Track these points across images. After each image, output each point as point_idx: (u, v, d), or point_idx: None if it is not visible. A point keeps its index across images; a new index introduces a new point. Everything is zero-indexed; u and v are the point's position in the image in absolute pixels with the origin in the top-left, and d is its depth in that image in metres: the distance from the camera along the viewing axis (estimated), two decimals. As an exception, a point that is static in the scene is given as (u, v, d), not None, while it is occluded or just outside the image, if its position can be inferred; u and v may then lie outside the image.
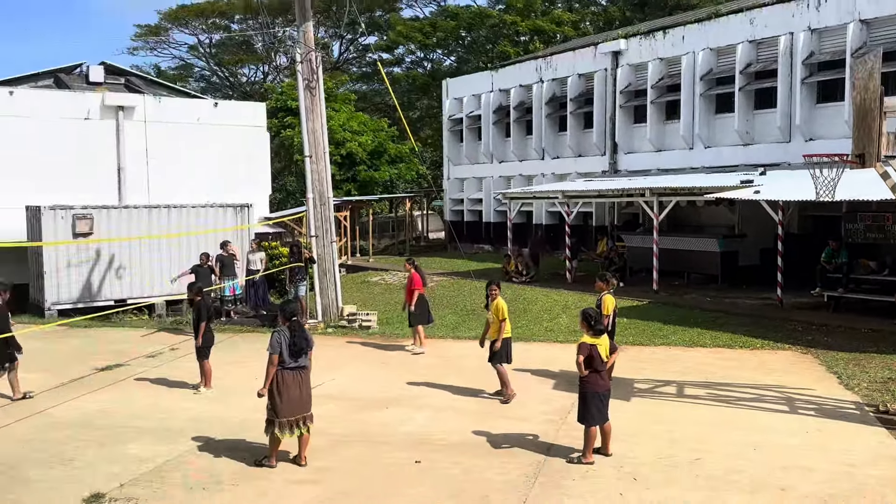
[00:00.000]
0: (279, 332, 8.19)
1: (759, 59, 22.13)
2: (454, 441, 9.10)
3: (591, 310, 8.74)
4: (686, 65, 23.70)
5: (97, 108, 25.24)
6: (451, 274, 24.17)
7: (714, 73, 23.28)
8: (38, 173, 23.55)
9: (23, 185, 22.93)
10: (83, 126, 24.95)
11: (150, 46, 52.63)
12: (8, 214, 21.71)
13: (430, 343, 14.84)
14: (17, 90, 24.81)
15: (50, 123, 24.33)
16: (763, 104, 22.20)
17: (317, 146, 17.48)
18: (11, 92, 24.37)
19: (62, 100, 25.25)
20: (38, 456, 8.77)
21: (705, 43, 23.34)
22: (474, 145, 33.19)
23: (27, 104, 24.26)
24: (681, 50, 24.01)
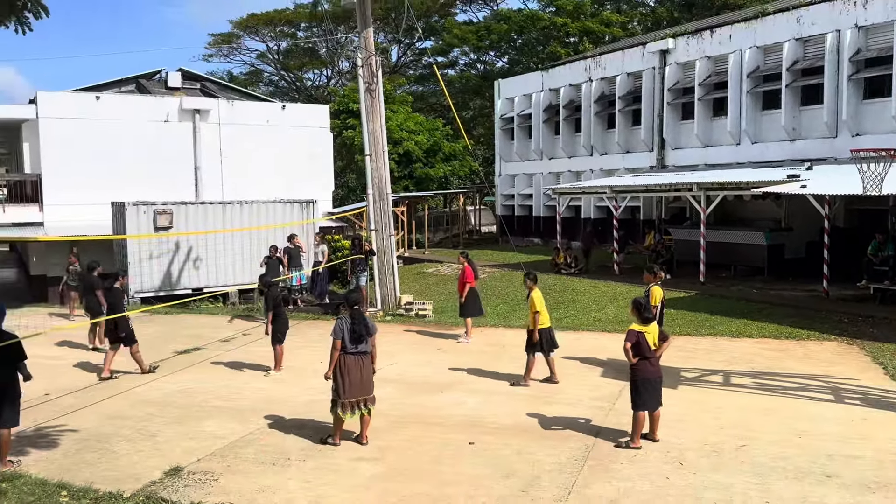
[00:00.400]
0: (342, 319, 8.34)
1: (806, 56, 21.40)
2: (506, 424, 9.11)
3: (641, 298, 8.66)
4: (733, 63, 23.10)
5: (175, 112, 25.90)
6: (502, 266, 24.12)
7: (761, 71, 22.62)
8: (123, 172, 24.31)
9: (109, 182, 23.71)
10: (163, 128, 25.64)
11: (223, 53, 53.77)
12: (96, 210, 22.49)
13: (482, 331, 14.86)
14: (103, 95, 25.62)
15: (133, 126, 25.06)
16: (809, 100, 21.48)
17: (376, 145, 17.63)
18: (98, 97, 25.18)
19: (144, 104, 25.97)
20: (124, 431, 9.10)
21: (752, 41, 22.69)
22: (525, 143, 32.98)
23: (112, 108, 25.02)
24: (728, 48, 23.40)
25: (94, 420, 9.56)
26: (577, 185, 25.66)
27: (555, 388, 10.72)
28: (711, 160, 24.18)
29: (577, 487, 7.09)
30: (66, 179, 23.71)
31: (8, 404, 7.76)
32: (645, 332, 8.21)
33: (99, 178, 23.86)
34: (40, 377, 11.06)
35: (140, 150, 24.97)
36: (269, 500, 6.86)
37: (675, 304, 16.29)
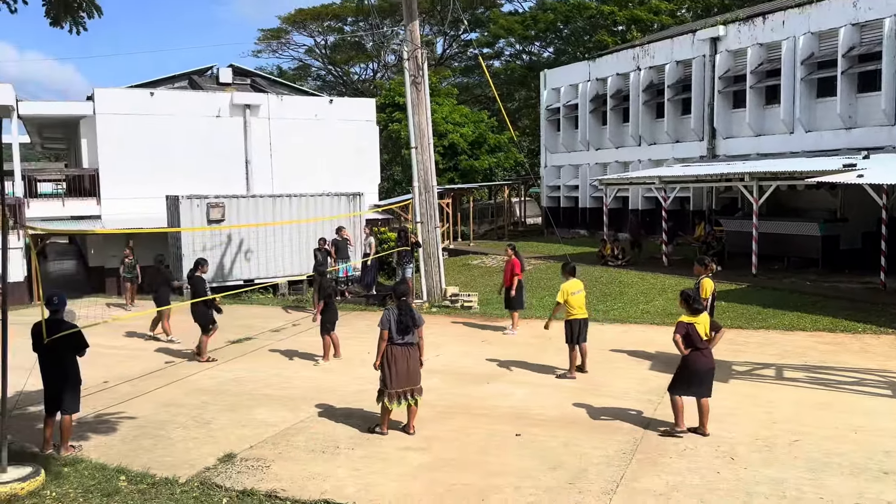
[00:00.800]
0: (389, 310, 8.40)
1: (863, 41, 20.64)
2: (552, 416, 9.07)
3: (690, 290, 8.54)
4: (786, 49, 22.43)
5: (227, 107, 26.38)
6: (547, 258, 23.98)
7: (815, 58, 21.92)
8: (176, 166, 24.89)
9: (163, 176, 24.32)
10: (215, 123, 26.15)
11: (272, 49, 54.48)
12: (150, 203, 23.11)
13: (527, 323, 14.81)
14: (157, 91, 26.23)
15: (186, 121, 25.63)
16: (866, 87, 20.73)
17: (422, 138, 17.67)
18: (152, 93, 25.78)
19: (196, 99, 26.50)
20: (180, 419, 9.35)
21: (806, 27, 22.00)
22: (571, 134, 32.65)
23: (166, 104, 25.61)
24: (781, 35, 22.73)
25: (151, 407, 9.85)
26: (624, 175, 25.31)
27: (602, 380, 10.63)
28: (764, 149, 23.57)
29: (626, 481, 7.02)
30: (121, 174, 24.40)
31: (70, 391, 8.04)
32: (695, 323, 8.11)
33: (153, 173, 24.48)
34: (99, 365, 11.46)
35: (193, 144, 25.51)
36: (319, 488, 6.97)
37: (726, 296, 15.97)
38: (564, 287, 10.90)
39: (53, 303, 8.16)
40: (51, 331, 7.92)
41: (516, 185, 38.03)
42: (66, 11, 6.37)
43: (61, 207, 24.50)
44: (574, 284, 11.01)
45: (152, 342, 14.38)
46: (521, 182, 38.14)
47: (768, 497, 6.60)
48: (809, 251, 19.49)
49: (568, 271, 11.14)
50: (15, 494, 6.70)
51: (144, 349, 13.75)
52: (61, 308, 8.23)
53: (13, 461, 7.27)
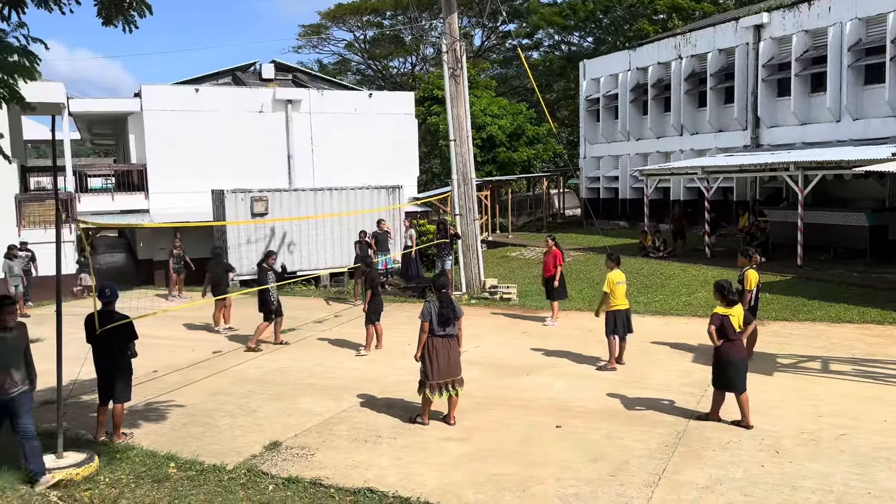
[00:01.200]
0: (430, 302, 8.43)
1: (915, 25, 19.97)
2: (593, 408, 9.02)
3: (724, 281, 8.47)
4: (833, 36, 21.80)
5: (269, 102, 26.72)
6: (586, 249, 23.78)
7: (863, 44, 21.26)
8: (221, 160, 25.32)
9: (208, 170, 24.76)
10: (258, 118, 26.52)
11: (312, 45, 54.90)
12: (196, 197, 23.54)
13: (567, 315, 14.73)
14: (202, 88, 26.69)
15: (230, 116, 26.04)
16: (919, 73, 20.06)
17: (460, 130, 17.65)
18: (197, 90, 26.25)
19: (239, 95, 26.90)
20: (227, 407, 9.54)
21: (853, 13, 21.33)
22: (611, 124, 32.27)
23: (210, 100, 26.05)
24: (827, 21, 22.09)
25: (199, 396, 10.07)
26: (666, 165, 24.94)
27: (643, 372, 10.52)
28: (809, 138, 22.98)
29: (668, 473, 6.95)
30: (168, 169, 24.92)
31: (122, 381, 8.25)
32: (729, 315, 8.10)
33: (199, 167, 24.93)
34: (148, 356, 11.75)
35: (237, 139, 25.91)
36: (362, 476, 7.06)
37: (770, 287, 15.64)
38: (609, 277, 10.84)
39: (106, 294, 8.36)
40: (103, 322, 8.13)
41: (555, 176, 37.75)
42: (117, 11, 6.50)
43: (111, 202, 25.13)
44: (618, 275, 10.93)
45: (199, 332, 14.68)
46: (559, 173, 37.85)
47: (814, 491, 6.47)
48: (857, 241, 18.97)
49: (613, 261, 11.08)
50: (71, 479, 6.92)
51: (192, 339, 14.05)
52: (113, 300, 8.44)
53: (69, 447, 7.51)
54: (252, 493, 6.73)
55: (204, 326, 15.18)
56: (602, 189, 33.03)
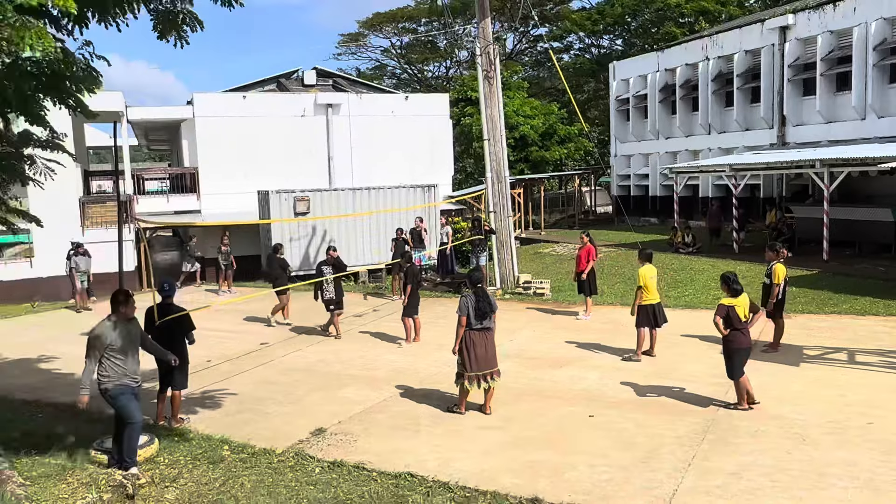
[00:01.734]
0: (466, 296, 8.46)
1: (944, 22, 19.36)
2: (625, 398, 9.01)
3: (729, 273, 8.59)
4: (858, 36, 21.24)
5: (311, 107, 27.00)
6: (617, 246, 23.60)
7: (888, 43, 20.67)
8: (266, 162, 25.67)
9: (254, 172, 25.14)
10: (300, 122, 26.83)
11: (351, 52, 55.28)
12: (243, 198, 23.93)
13: (598, 309, 14.66)
14: (249, 94, 27.11)
15: (274, 121, 26.37)
16: (946, 70, 19.45)
17: (494, 130, 17.66)
18: (245, 96, 26.67)
19: (284, 101, 27.23)
20: (275, 395, 9.75)
21: (878, 13, 20.76)
22: (640, 123, 31.92)
23: (257, 106, 26.42)
24: (852, 21, 21.54)
25: (249, 385, 10.30)
26: (695, 164, 24.60)
27: (673, 365, 10.45)
28: (834, 136, 22.46)
29: (697, 460, 6.93)
30: (218, 171, 25.36)
31: (179, 370, 8.48)
32: (735, 306, 8.22)
33: (246, 169, 25.33)
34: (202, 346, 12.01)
35: (280, 142, 26.24)
36: (402, 461, 7.16)
37: (797, 282, 15.37)
38: (642, 272, 10.80)
39: (164, 289, 8.62)
40: (162, 314, 8.38)
41: (586, 174, 37.47)
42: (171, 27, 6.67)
43: (166, 203, 25.68)
44: (650, 270, 10.90)
45: (248, 324, 14.95)
46: (591, 171, 37.55)
47: (840, 478, 6.39)
48: (882, 237, 18.51)
49: (644, 257, 11.05)
50: (134, 460, 7.15)
51: (241, 331, 14.33)
52: (172, 294, 8.68)
53: (132, 431, 7.75)
54: (300, 475, 6.89)
55: (250, 319, 15.47)
56: (633, 186, 32.71)
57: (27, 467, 6.73)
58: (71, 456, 7.13)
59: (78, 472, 6.67)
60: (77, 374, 11.15)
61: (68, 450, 7.26)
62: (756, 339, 11.53)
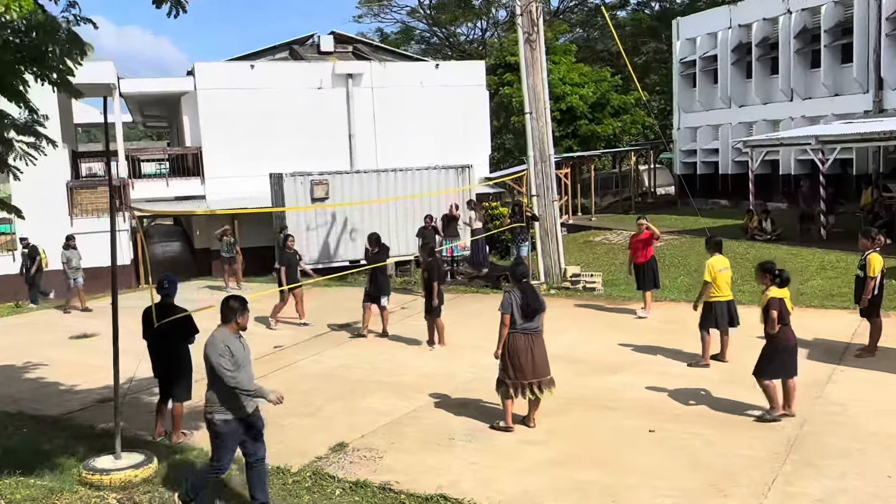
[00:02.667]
0: (510, 292, 8.34)
1: None
2: (689, 410, 8.87)
3: (769, 262, 8.59)
4: (974, -22, 20.56)
5: (329, 77, 27.10)
6: (682, 232, 23.25)
7: None
8: (278, 141, 25.86)
9: (264, 152, 25.36)
10: (316, 95, 26.94)
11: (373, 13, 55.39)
12: (253, 181, 24.13)
13: (659, 306, 14.47)
14: (258, 63, 27.32)
15: (287, 94, 26.51)
16: None
17: (537, 102, 17.50)
18: (252, 66, 26.87)
19: (297, 71, 27.40)
20: (290, 405, 9.74)
21: None
22: (709, 90, 31.41)
23: (266, 76, 26.60)
24: (967, -39, 20.85)
25: (260, 394, 10.36)
26: (773, 135, 24.13)
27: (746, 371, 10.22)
28: (944, 100, 21.82)
29: (778, 485, 6.78)
30: (224, 152, 25.63)
31: (181, 379, 8.55)
32: (784, 298, 8.29)
33: (255, 149, 25.54)
34: (208, 350, 12.18)
35: (295, 118, 26.41)
36: (434, 481, 7.14)
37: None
38: (710, 264, 10.59)
39: (164, 287, 8.64)
40: (162, 316, 8.40)
41: (644, 150, 37.03)
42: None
43: (165, 188, 26.07)
44: (720, 261, 10.67)
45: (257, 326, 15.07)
46: (650, 147, 37.09)
47: (953, 508, 6.19)
48: None
49: (712, 246, 10.85)
50: (129, 481, 7.25)
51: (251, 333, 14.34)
52: (172, 292, 8.72)
53: (126, 448, 7.86)
54: (318, 498, 6.92)
55: (262, 320, 15.60)
56: (699, 164, 32.25)
57: (10, 489, 6.86)
58: (60, 476, 7.25)
59: (67, 495, 6.78)
60: (66, 384, 11.44)
61: (57, 469, 7.39)
62: (849, 341, 11.28)
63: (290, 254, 15.15)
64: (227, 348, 6.40)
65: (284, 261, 15.20)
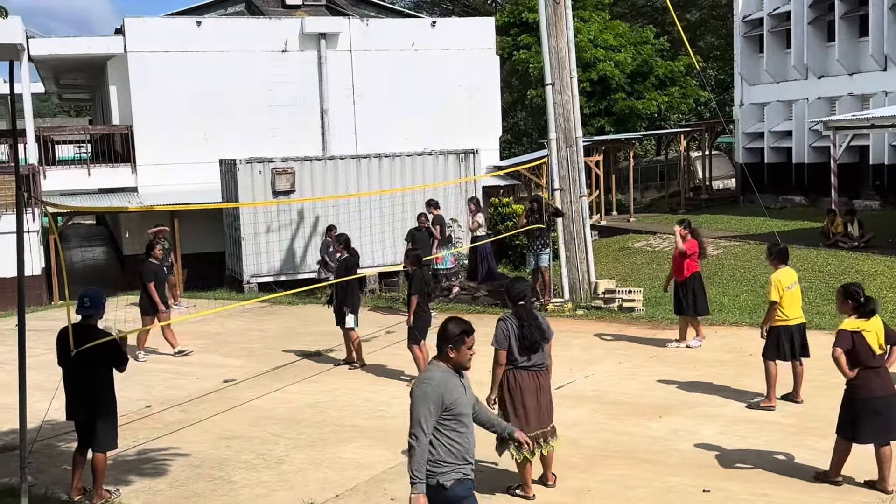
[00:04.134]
0: (505, 319, 8.21)
1: None
2: (755, 464, 8.89)
3: (854, 284, 8.28)
4: None
5: (295, 38, 27.14)
6: (744, 237, 23.31)
7: None
8: (232, 119, 25.93)
9: (215, 133, 25.40)
10: (280, 60, 26.98)
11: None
12: (200, 170, 24.17)
13: (716, 331, 14.52)
14: (206, 20, 27.39)
15: (243, 58, 26.54)
16: None
17: (561, 70, 17.57)
18: (199, 22, 26.90)
19: (256, 29, 27.40)
20: (244, 456, 9.81)
21: None
22: (780, 56, 31.53)
23: (217, 36, 26.63)
24: None
25: (207, 440, 10.39)
26: (862, 114, 24.21)
27: (825, 414, 10.25)
28: None
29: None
30: (162, 131, 25.63)
31: (103, 422, 8.48)
32: (864, 332, 7.89)
33: (203, 129, 25.63)
34: (138, 385, 12.20)
35: (252, 89, 26.44)
36: (427, 555, 7.13)
37: None
38: (776, 279, 10.59)
39: (85, 305, 8.61)
40: (80, 340, 8.39)
41: (697, 133, 37.15)
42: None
43: (86, 177, 26.07)
44: (788, 275, 10.69)
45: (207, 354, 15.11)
46: (704, 129, 37.21)
47: None
48: None
49: (776, 256, 10.85)
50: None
51: (196, 363, 14.48)
52: (94, 311, 8.69)
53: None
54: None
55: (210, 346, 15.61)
56: (767, 150, 32.35)
57: None
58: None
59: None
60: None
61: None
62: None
63: (157, 265, 15.03)
64: (438, 387, 6.00)
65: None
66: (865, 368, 7.89)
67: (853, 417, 8.03)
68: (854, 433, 8.04)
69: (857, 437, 8.03)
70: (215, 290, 21.37)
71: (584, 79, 32.50)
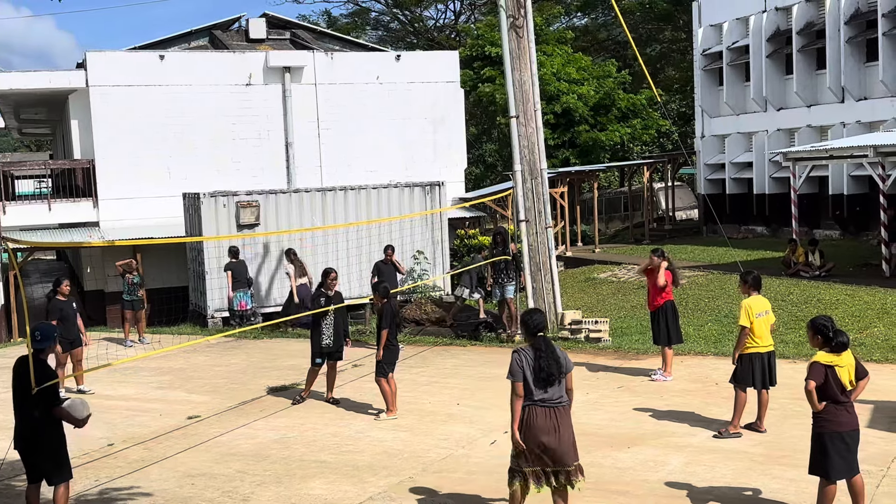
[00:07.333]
0: (520, 351, 8.02)
1: None
2: (725, 496, 8.91)
3: (823, 318, 8.17)
4: None
5: (260, 71, 27.17)
6: (708, 267, 23.50)
7: None
8: (196, 153, 25.85)
9: (178, 167, 25.28)
10: (244, 94, 26.98)
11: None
12: (163, 204, 24.03)
13: (682, 361, 14.57)
14: (168, 54, 27.31)
15: (207, 92, 26.52)
16: None
17: (525, 102, 17.70)
18: (162, 56, 26.84)
19: (220, 62, 27.39)
20: (209, 494, 9.67)
21: None
22: (739, 88, 31.97)
23: (180, 70, 26.59)
24: None
25: (172, 479, 10.24)
26: (821, 146, 24.57)
27: (793, 443, 10.33)
28: None
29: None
30: (124, 166, 25.51)
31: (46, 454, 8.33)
32: (836, 366, 7.82)
33: (165, 163, 25.53)
34: (101, 422, 11.98)
35: (216, 123, 26.41)
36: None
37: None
38: (747, 305, 10.69)
39: (36, 338, 8.54)
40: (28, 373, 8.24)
41: (660, 164, 37.53)
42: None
43: (47, 212, 25.81)
44: (759, 302, 10.79)
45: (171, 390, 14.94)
46: (667, 160, 37.60)
47: None
48: None
49: (749, 283, 10.95)
50: None
51: (160, 400, 14.31)
52: (45, 346, 8.60)
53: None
54: None
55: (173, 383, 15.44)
56: (728, 181, 32.69)
57: None
58: None
59: None
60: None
61: None
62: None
63: (63, 301, 14.70)
64: None
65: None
66: (833, 403, 7.84)
67: (824, 454, 7.93)
68: (827, 471, 7.94)
69: (829, 473, 7.93)
70: (179, 326, 21.16)
71: (548, 111, 32.77)
